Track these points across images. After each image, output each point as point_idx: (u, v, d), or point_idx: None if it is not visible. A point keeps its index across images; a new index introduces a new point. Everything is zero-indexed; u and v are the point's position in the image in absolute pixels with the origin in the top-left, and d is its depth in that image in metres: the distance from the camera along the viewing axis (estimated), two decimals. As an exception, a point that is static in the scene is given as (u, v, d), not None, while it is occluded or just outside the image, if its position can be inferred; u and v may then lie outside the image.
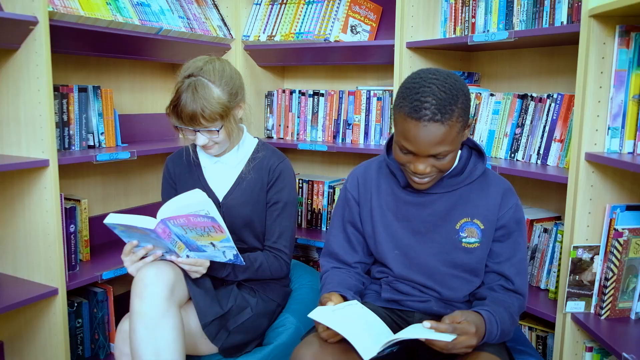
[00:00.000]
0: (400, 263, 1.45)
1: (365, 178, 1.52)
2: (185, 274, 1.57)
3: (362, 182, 1.52)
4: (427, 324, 1.20)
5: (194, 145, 1.80)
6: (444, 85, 1.25)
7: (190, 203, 1.41)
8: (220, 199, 1.76)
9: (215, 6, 2.61)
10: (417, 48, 2.25)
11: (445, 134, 1.25)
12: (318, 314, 1.25)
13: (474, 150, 1.45)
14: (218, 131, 1.63)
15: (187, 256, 1.54)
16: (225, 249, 1.51)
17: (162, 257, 1.54)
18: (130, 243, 1.52)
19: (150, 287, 1.45)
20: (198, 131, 1.63)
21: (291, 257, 1.81)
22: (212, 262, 1.59)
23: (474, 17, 2.13)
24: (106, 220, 1.45)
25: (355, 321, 1.25)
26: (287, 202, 1.76)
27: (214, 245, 1.50)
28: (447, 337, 1.17)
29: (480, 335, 1.24)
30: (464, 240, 1.40)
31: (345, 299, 1.38)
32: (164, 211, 1.44)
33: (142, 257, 1.54)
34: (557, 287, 1.86)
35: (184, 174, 1.81)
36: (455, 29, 2.23)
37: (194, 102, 1.57)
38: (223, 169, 1.79)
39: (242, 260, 1.56)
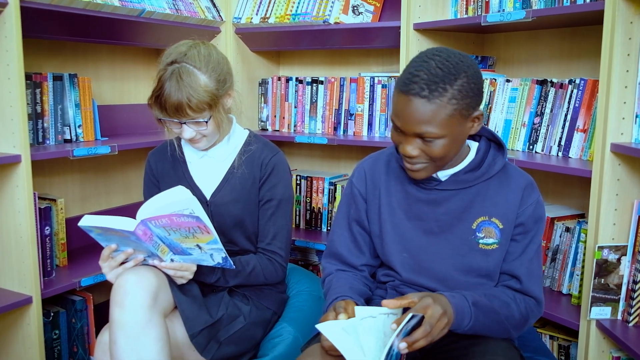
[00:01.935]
0: (408, 267, 1.44)
1: (373, 172, 1.51)
2: (170, 280, 1.56)
3: (370, 177, 1.51)
4: (393, 325, 1.17)
5: (179, 139, 1.79)
6: (443, 63, 1.26)
7: (172, 201, 1.40)
8: (208, 197, 1.75)
9: (203, -15, 2.60)
10: (426, 30, 2.24)
11: (432, 113, 1.25)
12: (326, 328, 1.23)
13: (493, 143, 1.44)
14: (206, 122, 1.63)
15: (172, 260, 1.53)
16: (212, 252, 1.51)
17: (144, 262, 1.54)
18: (109, 247, 1.52)
19: (131, 295, 1.44)
20: (184, 123, 1.62)
21: (287, 260, 1.80)
22: (199, 267, 1.58)
23: (487, -5, 2.13)
24: (81, 223, 1.44)
25: (364, 343, 1.23)
26: (281, 199, 1.75)
27: (200, 248, 1.49)
28: (407, 318, 1.14)
29: (442, 303, 1.22)
30: (480, 241, 1.39)
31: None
32: (144, 211, 1.43)
33: (123, 263, 1.53)
34: (580, 292, 1.85)
35: (167, 170, 1.81)
36: (467, 9, 2.22)
37: (178, 91, 1.56)
38: (210, 163, 1.78)
39: (232, 263, 1.56)
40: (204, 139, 1.69)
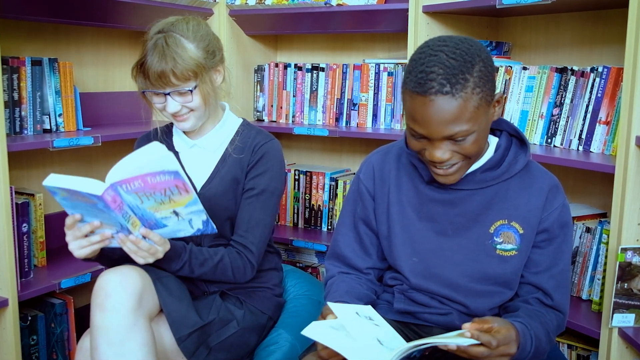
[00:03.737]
0: (418, 272, 1.43)
1: (382, 167, 1.50)
2: (156, 280, 1.55)
3: (379, 173, 1.50)
4: (466, 330, 1.17)
5: (168, 127, 1.80)
6: (454, 52, 1.23)
7: (147, 161, 1.35)
8: (198, 189, 1.74)
9: (195, -37, 2.59)
10: (436, 13, 2.24)
11: (459, 109, 1.21)
12: (313, 331, 1.24)
13: (515, 139, 1.43)
14: (191, 92, 1.63)
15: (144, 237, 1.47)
16: (192, 216, 1.46)
17: (111, 245, 1.48)
18: (72, 216, 1.45)
19: (114, 297, 1.44)
20: (168, 94, 1.62)
21: (259, 259, 1.73)
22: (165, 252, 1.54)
23: (503, -25, 2.12)
24: (45, 182, 1.38)
25: (360, 337, 1.24)
26: (264, 189, 1.72)
27: (177, 214, 1.44)
28: (469, 342, 1.16)
29: (517, 345, 1.23)
30: (498, 246, 1.38)
31: None
32: (115, 173, 1.37)
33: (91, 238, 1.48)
34: (601, 298, 1.85)
35: None
36: (481, -10, 2.21)
37: (163, 56, 1.59)
38: (201, 154, 1.78)
39: (214, 227, 1.51)
40: (191, 117, 1.68)
